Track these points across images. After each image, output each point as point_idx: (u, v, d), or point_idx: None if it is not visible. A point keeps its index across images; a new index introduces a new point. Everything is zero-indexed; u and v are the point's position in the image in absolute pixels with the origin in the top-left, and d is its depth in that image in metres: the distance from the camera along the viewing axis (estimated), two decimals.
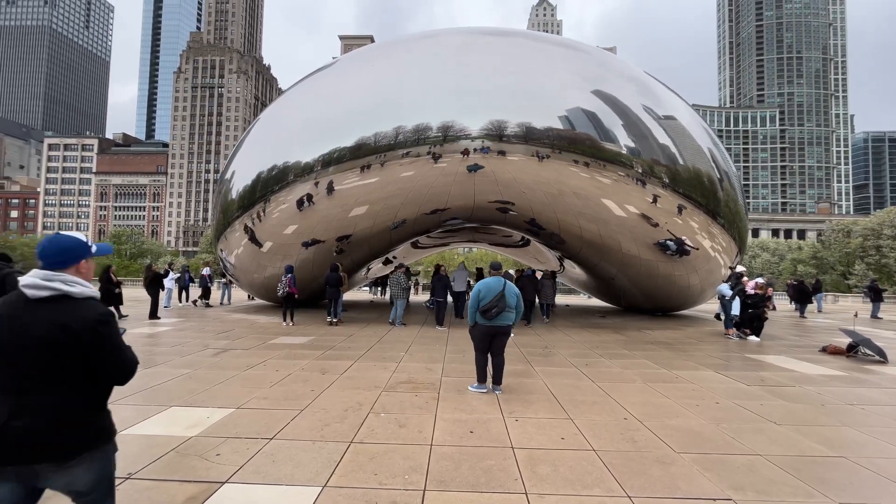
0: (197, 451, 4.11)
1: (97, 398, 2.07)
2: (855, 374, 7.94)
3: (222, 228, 14.83)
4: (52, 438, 1.90)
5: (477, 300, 6.18)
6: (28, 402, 1.89)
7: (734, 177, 14.27)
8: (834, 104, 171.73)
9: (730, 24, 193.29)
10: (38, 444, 1.88)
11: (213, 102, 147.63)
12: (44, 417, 1.89)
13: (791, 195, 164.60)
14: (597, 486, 3.62)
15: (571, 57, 14.07)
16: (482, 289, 6.23)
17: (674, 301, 16.10)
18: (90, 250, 2.17)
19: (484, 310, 6.11)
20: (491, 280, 6.35)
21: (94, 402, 2.05)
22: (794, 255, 64.41)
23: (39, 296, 1.96)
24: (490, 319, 6.15)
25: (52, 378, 1.93)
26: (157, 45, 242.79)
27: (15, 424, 1.85)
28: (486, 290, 6.19)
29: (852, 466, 4.11)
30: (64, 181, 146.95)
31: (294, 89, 15.41)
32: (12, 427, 1.85)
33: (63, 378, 1.94)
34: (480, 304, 6.14)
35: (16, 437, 1.85)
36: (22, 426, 1.86)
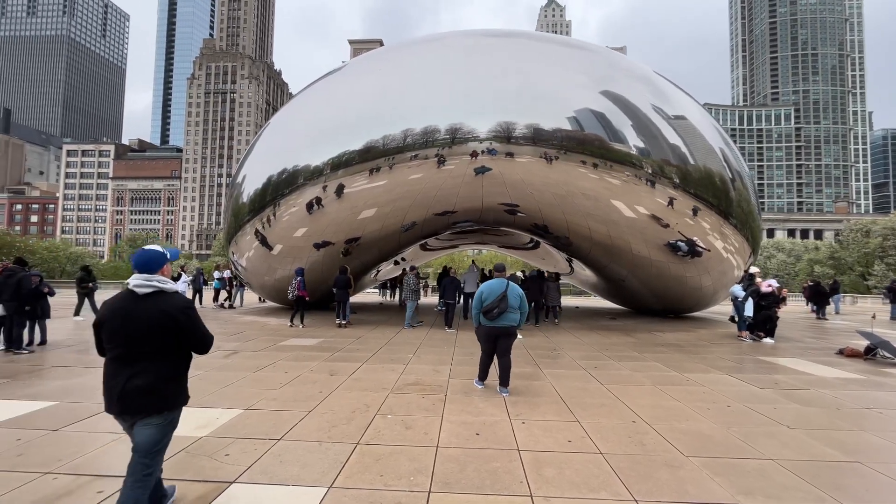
0: (206, 452, 4.18)
1: (182, 368, 2.97)
2: (872, 378, 7.75)
3: (234, 232, 15.04)
4: (154, 395, 2.77)
5: (480, 301, 6.29)
6: (140, 368, 2.76)
7: (747, 176, 14.04)
8: (851, 101, 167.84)
9: (742, 22, 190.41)
10: (147, 398, 2.75)
11: (225, 108, 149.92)
12: (146, 376, 2.75)
13: (807, 194, 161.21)
14: (603, 489, 3.59)
15: (580, 57, 14.01)
16: (485, 290, 6.32)
17: (686, 303, 15.88)
18: (167, 257, 2.97)
19: (486, 311, 6.20)
20: (494, 282, 6.41)
21: (178, 374, 2.94)
22: (810, 255, 63.02)
23: (144, 292, 2.83)
24: (493, 320, 6.22)
25: (156, 351, 2.79)
26: (172, 52, 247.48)
27: (134, 383, 2.73)
28: (488, 291, 6.29)
29: (868, 472, 4.01)
30: (82, 186, 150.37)
31: (303, 93, 15.58)
32: (131, 383, 2.73)
33: (163, 350, 2.81)
34: (483, 305, 6.24)
35: (133, 390, 2.73)
36: (137, 383, 2.73)
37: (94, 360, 8.20)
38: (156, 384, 2.76)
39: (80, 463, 3.94)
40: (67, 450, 4.19)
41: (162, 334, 2.78)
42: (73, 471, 3.78)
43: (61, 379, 6.85)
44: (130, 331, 2.75)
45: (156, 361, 2.79)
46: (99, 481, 3.60)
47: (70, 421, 4.96)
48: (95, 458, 4.07)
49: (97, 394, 6.03)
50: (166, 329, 2.79)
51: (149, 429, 2.78)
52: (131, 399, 2.72)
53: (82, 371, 7.37)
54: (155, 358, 2.79)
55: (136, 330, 2.75)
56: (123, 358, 2.76)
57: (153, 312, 2.77)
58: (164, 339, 2.80)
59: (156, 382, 2.76)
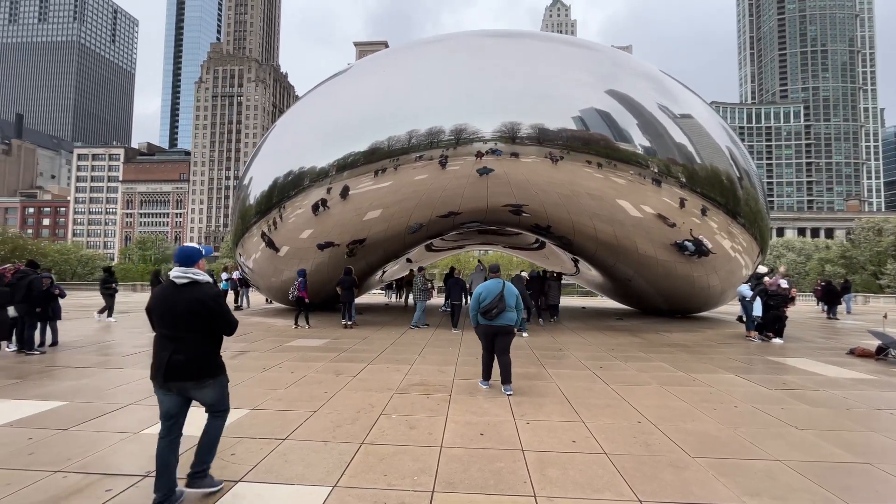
0: None
1: (215, 346, 3.47)
2: (884, 378, 7.63)
3: (241, 234, 15.16)
4: (193, 367, 3.28)
5: (478, 302, 6.48)
6: (181, 345, 3.27)
7: (754, 175, 13.90)
8: (862, 98, 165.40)
9: (750, 19, 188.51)
10: (186, 370, 3.25)
11: (232, 111, 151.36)
12: (188, 353, 3.26)
13: (818, 192, 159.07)
14: (607, 489, 3.58)
15: (584, 56, 13.97)
16: (482, 291, 6.53)
17: (693, 302, 15.74)
18: (202, 253, 3.51)
19: (484, 311, 6.39)
20: (491, 282, 6.60)
21: (214, 349, 3.45)
22: (821, 254, 62.17)
23: (182, 282, 3.36)
24: (491, 320, 6.41)
25: (193, 331, 3.31)
26: (180, 56, 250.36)
27: (175, 358, 3.23)
28: (486, 292, 6.48)
29: (878, 473, 3.96)
30: (92, 189, 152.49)
31: (309, 96, 15.68)
32: (174, 360, 3.22)
33: (198, 331, 3.33)
34: (481, 305, 6.43)
35: (177, 364, 3.23)
36: (179, 357, 3.24)
37: (104, 362, 8.32)
38: (193, 359, 3.30)
39: (90, 462, 4.00)
40: (77, 449, 4.25)
41: (196, 318, 3.30)
42: (83, 469, 3.84)
43: (71, 380, 6.95)
44: (173, 314, 3.30)
45: (193, 340, 3.32)
46: (108, 480, 3.66)
47: (79, 421, 5.04)
48: (104, 457, 4.13)
49: (106, 394, 6.13)
50: (199, 313, 3.30)
51: (207, 390, 3.39)
52: (174, 370, 3.24)
53: (92, 372, 7.47)
54: (192, 337, 3.32)
55: (177, 313, 3.29)
56: (169, 336, 3.32)
57: (189, 299, 3.30)
58: (198, 322, 3.31)
59: (193, 357, 3.30)
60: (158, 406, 3.36)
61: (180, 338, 3.28)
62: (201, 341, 3.35)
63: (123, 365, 7.99)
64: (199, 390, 3.34)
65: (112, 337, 11.29)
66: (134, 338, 11.24)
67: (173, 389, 3.28)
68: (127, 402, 5.76)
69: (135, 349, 9.56)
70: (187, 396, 3.37)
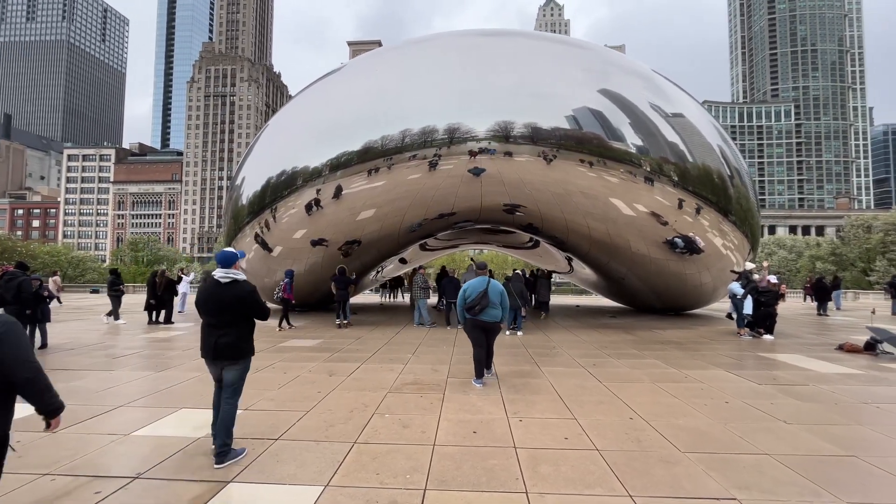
0: (204, 452, 4.19)
1: (250, 332, 4.24)
2: (871, 373, 7.74)
3: (233, 234, 15.07)
4: (236, 347, 4.07)
5: (464, 299, 6.72)
6: (225, 332, 4.04)
7: (745, 173, 14.03)
8: (851, 97, 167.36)
9: (741, 19, 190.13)
10: (231, 349, 4.05)
11: (225, 111, 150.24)
12: (231, 337, 4.04)
13: (808, 191, 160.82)
14: (598, 485, 3.60)
15: (577, 56, 14.02)
16: (468, 288, 6.76)
17: (686, 300, 15.86)
18: (238, 257, 4.25)
19: (469, 307, 6.65)
20: (476, 280, 6.83)
21: (250, 333, 4.23)
22: (812, 251, 62.86)
23: (225, 281, 4.13)
24: (476, 315, 6.66)
25: (234, 321, 4.08)
26: (171, 55, 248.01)
27: (222, 340, 4.03)
28: (471, 289, 6.72)
29: (864, 466, 4.01)
30: (83, 191, 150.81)
31: (302, 95, 15.61)
32: (221, 342, 4.03)
33: (238, 321, 4.10)
34: (466, 301, 6.67)
35: (222, 346, 4.03)
36: (224, 340, 4.03)
37: (95, 364, 8.24)
38: (235, 342, 4.06)
39: (78, 464, 3.96)
40: (65, 452, 4.21)
41: (237, 309, 4.08)
42: (71, 472, 3.80)
43: (60, 382, 6.87)
44: (219, 307, 4.05)
45: (234, 327, 4.07)
46: (97, 482, 3.62)
47: (68, 423, 4.98)
48: (93, 459, 4.09)
49: (96, 396, 6.07)
50: (239, 306, 4.08)
51: (233, 371, 4.10)
52: (220, 351, 4.02)
53: (82, 374, 7.40)
54: (233, 325, 4.07)
55: (222, 306, 4.05)
56: (215, 325, 4.07)
57: (232, 295, 4.07)
58: (238, 312, 4.09)
59: (235, 341, 4.06)
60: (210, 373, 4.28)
61: (224, 325, 4.05)
62: (241, 328, 4.13)
63: (114, 367, 7.92)
64: (232, 368, 4.10)
65: (103, 339, 11.18)
66: (125, 340, 11.14)
67: (218, 365, 4.12)
68: (117, 405, 5.71)
69: (126, 351, 9.48)
70: (223, 370, 4.12)
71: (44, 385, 2.59)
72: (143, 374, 7.35)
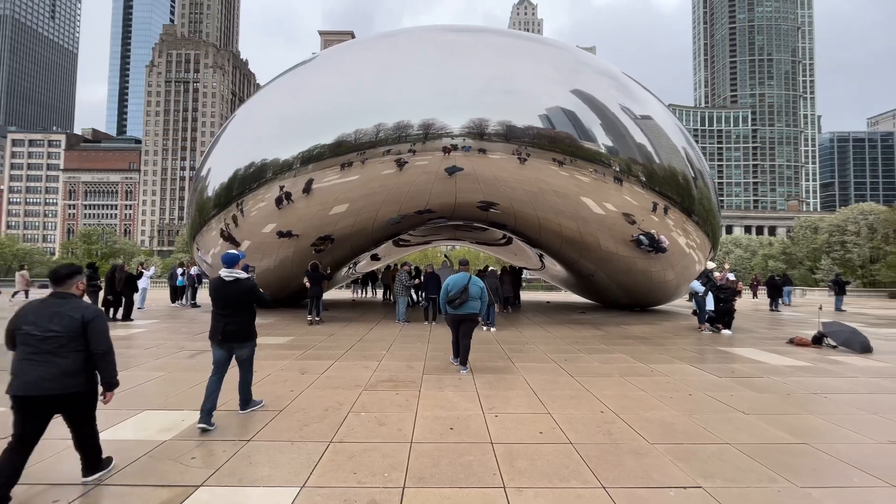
0: (171, 456, 4.03)
1: (252, 319, 5.15)
2: (819, 365, 8.29)
3: (198, 227, 14.48)
4: (241, 332, 4.95)
5: (446, 293, 7.23)
6: (232, 319, 4.89)
7: (708, 175, 14.67)
8: (802, 105, 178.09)
9: (705, 27, 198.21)
10: (236, 334, 4.92)
11: (187, 97, 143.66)
12: (237, 325, 4.91)
13: (762, 193, 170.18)
14: (573, 478, 3.70)
15: (551, 55, 14.22)
16: (450, 283, 7.28)
17: (652, 296, 16.48)
18: (239, 258, 5.15)
19: (450, 300, 7.15)
20: (458, 275, 7.34)
21: (252, 320, 5.14)
22: (765, 250, 66.67)
23: (229, 279, 4.96)
24: (456, 308, 7.15)
25: (239, 310, 4.96)
26: (129, 37, 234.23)
27: (228, 328, 4.86)
28: (452, 284, 7.23)
29: (815, 453, 4.30)
30: (29, 178, 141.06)
31: (272, 84, 15.13)
32: (228, 329, 4.86)
33: (243, 309, 4.99)
34: (448, 295, 7.15)
35: (230, 332, 4.87)
36: (230, 328, 4.87)
37: None
38: (240, 327, 4.95)
39: (32, 472, 3.70)
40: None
41: (241, 301, 4.96)
42: (25, 480, 3.54)
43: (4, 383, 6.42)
44: (226, 301, 4.92)
45: (237, 316, 4.94)
46: (54, 490, 3.42)
47: None
48: (49, 466, 3.85)
49: None
50: (243, 299, 4.98)
51: (245, 349, 5.08)
52: (227, 335, 4.88)
53: None
54: (237, 314, 4.94)
55: (228, 300, 4.92)
56: (222, 314, 4.92)
57: (235, 290, 4.95)
58: (240, 305, 4.96)
59: (242, 326, 4.97)
60: (213, 355, 4.98)
61: (230, 315, 4.90)
62: (244, 317, 4.99)
63: None
64: (241, 349, 5.02)
65: None
66: None
67: (224, 347, 4.92)
68: None
69: None
70: (231, 352, 4.98)
71: (113, 361, 3.49)
72: None
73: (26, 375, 3.21)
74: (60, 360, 3.25)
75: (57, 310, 3.32)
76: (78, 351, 3.32)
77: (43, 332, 3.23)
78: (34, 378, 3.20)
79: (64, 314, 3.30)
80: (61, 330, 3.26)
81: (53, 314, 3.29)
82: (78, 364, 3.31)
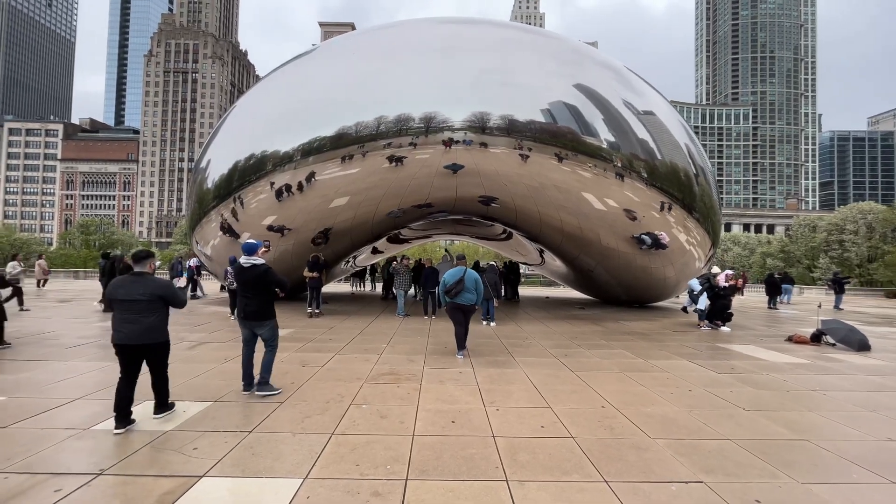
0: (173, 446, 4.03)
1: (271, 299, 5.66)
2: (818, 363, 8.32)
3: (197, 219, 14.42)
4: (258, 312, 5.56)
5: (444, 285, 8.00)
6: (251, 300, 5.53)
7: (709, 172, 14.64)
8: (803, 103, 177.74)
9: (707, 23, 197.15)
10: (255, 314, 5.55)
11: (186, 88, 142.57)
12: (256, 305, 5.54)
13: (762, 191, 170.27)
14: (575, 472, 3.71)
15: (554, 48, 14.11)
16: (447, 276, 8.10)
17: (651, 293, 16.50)
18: (258, 246, 5.66)
19: (447, 291, 7.91)
20: (455, 269, 8.14)
21: (271, 301, 5.65)
22: (763, 248, 66.76)
23: (247, 265, 5.52)
24: (453, 298, 7.89)
25: (257, 292, 5.53)
26: (126, 27, 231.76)
27: (248, 308, 5.54)
28: (450, 277, 8.03)
29: (814, 448, 4.32)
30: (27, 168, 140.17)
31: (272, 76, 15.00)
32: (248, 309, 5.54)
33: (261, 292, 5.54)
34: (446, 286, 7.92)
35: (249, 311, 5.55)
36: (251, 308, 5.54)
37: (46, 354, 7.73)
38: (260, 307, 5.53)
39: (34, 461, 3.71)
40: (18, 448, 3.94)
41: (259, 285, 5.48)
42: (27, 469, 3.56)
43: (8, 373, 6.42)
44: (245, 284, 5.50)
45: (256, 298, 5.51)
46: (56, 479, 3.41)
47: (20, 417, 4.67)
48: (50, 455, 3.84)
49: (50, 389, 5.71)
50: (260, 282, 5.48)
51: (265, 329, 5.62)
52: (249, 314, 5.52)
53: (33, 365, 6.92)
54: (256, 296, 5.51)
55: (248, 284, 5.49)
56: (245, 295, 5.53)
57: (252, 275, 5.48)
58: (259, 288, 5.49)
59: (260, 307, 5.53)
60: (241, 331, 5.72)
61: (250, 297, 5.49)
62: (262, 298, 5.53)
63: (68, 357, 7.45)
64: (260, 328, 5.58)
65: (53, 327, 10.49)
66: (78, 328, 10.50)
67: (247, 325, 5.58)
68: (74, 397, 5.38)
69: (80, 340, 8.94)
70: (253, 331, 5.61)
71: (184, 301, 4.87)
72: (100, 365, 6.95)
73: (122, 330, 4.38)
74: (144, 318, 4.41)
75: (139, 282, 4.48)
76: (156, 312, 4.49)
77: (131, 298, 4.39)
78: (127, 332, 4.37)
79: (143, 285, 4.47)
80: (143, 297, 4.40)
81: (137, 284, 4.45)
82: (156, 322, 4.50)
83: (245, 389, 5.59)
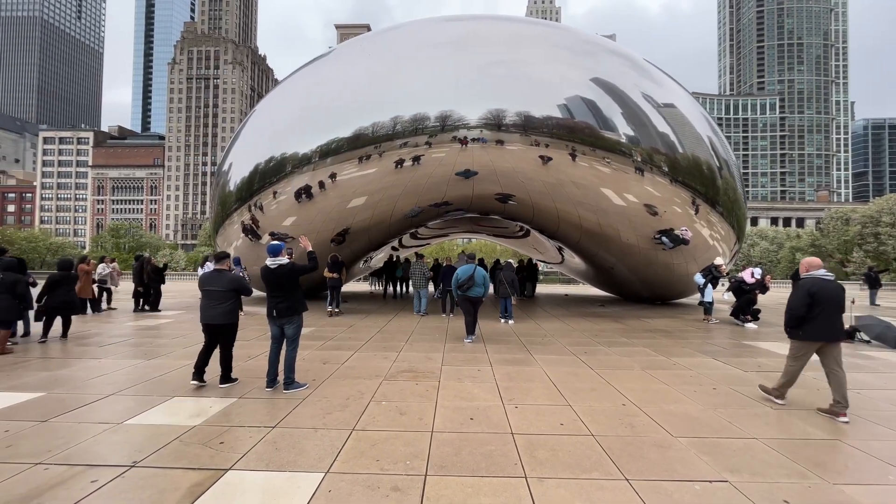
0: (200, 440, 4.17)
1: (301, 295, 6.00)
2: (850, 360, 7.98)
3: (220, 221, 14.80)
4: (288, 309, 5.82)
5: (456, 280, 9.19)
6: (282, 299, 5.81)
7: (733, 165, 14.22)
8: (834, 91, 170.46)
9: (730, 10, 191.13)
10: (285, 311, 5.81)
11: (208, 94, 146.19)
12: (287, 303, 5.81)
13: (790, 183, 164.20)
14: (595, 469, 3.68)
15: (570, 43, 13.93)
16: (459, 272, 9.25)
17: (674, 289, 16.15)
18: (282, 247, 5.94)
19: (459, 285, 9.11)
20: (465, 266, 9.30)
21: (299, 297, 5.94)
22: (792, 243, 64.42)
23: (273, 266, 5.81)
24: (464, 291, 9.12)
25: (287, 290, 5.83)
26: (151, 36, 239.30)
27: (280, 305, 5.80)
28: (462, 273, 9.22)
29: (847, 449, 4.17)
30: (60, 175, 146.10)
31: (290, 79, 15.26)
32: (279, 306, 5.80)
33: (291, 289, 5.86)
34: (458, 281, 9.10)
35: (281, 309, 5.80)
36: (281, 305, 5.80)
37: (82, 352, 8.08)
38: (289, 304, 5.80)
39: (72, 453, 3.90)
40: (57, 440, 4.14)
41: (284, 284, 5.81)
42: (65, 461, 3.74)
43: (47, 370, 6.74)
44: (273, 284, 5.81)
45: (285, 297, 5.79)
46: (92, 471, 3.57)
47: (58, 412, 4.90)
48: (87, 448, 4.03)
49: (86, 385, 5.97)
50: (288, 281, 5.82)
51: (291, 327, 5.87)
52: (280, 312, 5.78)
53: (70, 362, 7.25)
54: (284, 295, 5.79)
55: (277, 283, 5.80)
56: (272, 295, 5.81)
57: (279, 274, 5.78)
58: (286, 287, 5.81)
59: (289, 304, 5.80)
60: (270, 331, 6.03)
61: (279, 295, 5.78)
62: (291, 296, 5.81)
63: (101, 355, 7.78)
64: (290, 323, 5.85)
65: (88, 327, 10.95)
66: (112, 328, 10.93)
67: (277, 323, 5.85)
68: (108, 393, 5.62)
69: (113, 339, 9.31)
70: (282, 328, 5.87)
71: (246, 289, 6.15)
72: (132, 363, 7.24)
73: (207, 313, 5.79)
74: (222, 304, 5.77)
75: (219, 276, 5.89)
76: (230, 300, 5.83)
77: (213, 289, 5.80)
78: (210, 314, 5.77)
79: (222, 279, 5.85)
80: (221, 287, 5.79)
81: (217, 279, 5.85)
82: (230, 308, 5.84)
83: (268, 386, 5.77)
